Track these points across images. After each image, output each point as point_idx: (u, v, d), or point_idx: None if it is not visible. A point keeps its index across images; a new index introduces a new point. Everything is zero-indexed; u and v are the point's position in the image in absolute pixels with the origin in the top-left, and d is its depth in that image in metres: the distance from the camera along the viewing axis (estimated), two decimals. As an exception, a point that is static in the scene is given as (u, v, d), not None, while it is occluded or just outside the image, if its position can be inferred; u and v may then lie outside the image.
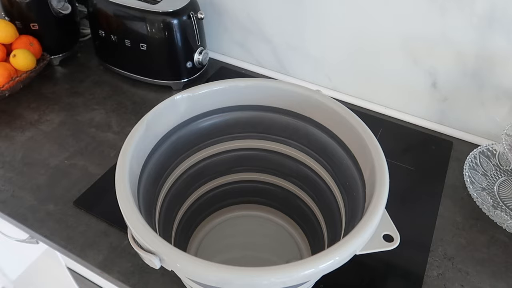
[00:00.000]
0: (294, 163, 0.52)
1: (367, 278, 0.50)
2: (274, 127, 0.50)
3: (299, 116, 0.48)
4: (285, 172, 0.54)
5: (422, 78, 0.68)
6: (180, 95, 0.46)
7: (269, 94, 0.48)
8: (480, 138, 0.70)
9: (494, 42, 0.60)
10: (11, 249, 0.94)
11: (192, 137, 0.49)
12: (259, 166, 0.54)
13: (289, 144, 0.51)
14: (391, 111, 0.75)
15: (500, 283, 0.51)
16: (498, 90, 0.64)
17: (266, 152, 0.53)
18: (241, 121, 0.50)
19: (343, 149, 0.45)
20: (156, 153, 0.44)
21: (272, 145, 0.52)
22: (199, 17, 0.74)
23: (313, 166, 0.50)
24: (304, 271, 0.30)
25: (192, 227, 0.55)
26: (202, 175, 0.53)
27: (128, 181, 0.36)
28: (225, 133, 0.51)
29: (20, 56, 0.73)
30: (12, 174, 0.62)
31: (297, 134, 0.50)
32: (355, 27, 0.69)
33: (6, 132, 0.70)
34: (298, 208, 0.55)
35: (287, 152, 0.52)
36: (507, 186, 0.62)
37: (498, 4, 0.56)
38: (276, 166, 0.54)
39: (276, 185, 0.55)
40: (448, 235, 0.56)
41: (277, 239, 0.56)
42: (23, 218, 0.56)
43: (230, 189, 0.56)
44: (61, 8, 0.78)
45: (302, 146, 0.50)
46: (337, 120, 0.45)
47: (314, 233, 0.53)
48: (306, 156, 0.50)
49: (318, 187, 0.50)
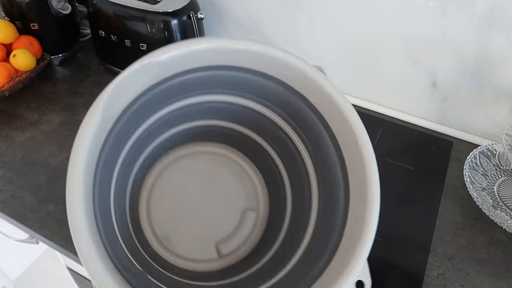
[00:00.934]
0: (258, 114, 0.49)
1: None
2: (236, 83, 0.46)
3: (258, 73, 0.44)
4: (249, 122, 0.51)
5: (422, 78, 0.68)
6: (136, 65, 0.38)
7: (227, 55, 0.43)
8: (480, 138, 0.70)
9: (494, 42, 0.60)
10: (11, 249, 0.94)
11: (150, 102, 0.43)
12: (222, 113, 0.50)
13: (251, 99, 0.47)
14: (391, 111, 0.75)
15: (500, 283, 0.51)
16: (498, 90, 0.64)
17: (228, 104, 0.49)
18: (200, 80, 0.45)
19: (315, 114, 0.42)
20: (114, 130, 0.39)
21: (232, 98, 0.48)
22: (199, 17, 0.74)
23: (278, 121, 0.48)
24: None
25: (140, 171, 0.51)
26: (156, 133, 0.48)
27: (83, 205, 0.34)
28: (187, 90, 0.46)
29: (20, 56, 0.72)
30: (12, 174, 0.62)
31: (271, 96, 0.46)
32: (355, 27, 0.69)
33: (6, 132, 0.70)
34: (256, 151, 0.53)
35: (251, 106, 0.48)
36: (507, 186, 0.62)
37: (498, 4, 0.56)
38: (240, 116, 0.50)
39: (245, 134, 0.53)
40: (448, 235, 0.56)
41: (237, 182, 0.54)
42: (23, 218, 0.56)
43: (200, 131, 0.52)
44: (61, 8, 0.78)
45: (265, 102, 0.47)
46: (320, 93, 0.41)
47: (273, 179, 0.51)
48: (275, 114, 0.48)
49: (288, 149, 0.48)
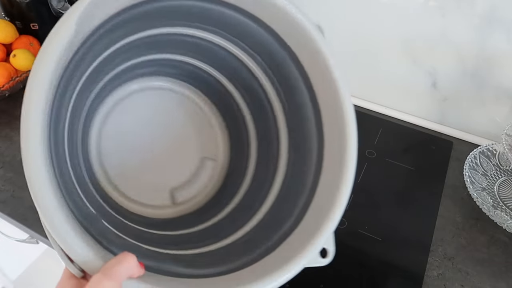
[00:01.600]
0: (218, 48, 0.44)
1: (367, 278, 0.50)
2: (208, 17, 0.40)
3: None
4: (225, 68, 0.46)
5: (422, 78, 0.68)
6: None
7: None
8: (480, 138, 0.69)
9: (494, 42, 0.60)
10: (11, 249, 0.94)
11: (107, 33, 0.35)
12: (198, 54, 0.46)
13: (209, 31, 0.42)
14: (391, 111, 0.75)
15: (500, 283, 0.51)
16: (498, 90, 0.64)
17: (179, 36, 0.43)
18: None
19: (278, 42, 0.37)
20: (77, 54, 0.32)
21: (190, 30, 0.42)
22: (199, 17, 0.74)
23: (240, 56, 0.43)
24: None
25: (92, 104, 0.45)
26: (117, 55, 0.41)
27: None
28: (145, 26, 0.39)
29: (20, 56, 0.72)
30: (12, 174, 0.62)
31: (224, 23, 0.40)
32: (355, 27, 0.69)
33: (6, 132, 0.70)
34: (219, 93, 0.48)
35: (209, 38, 0.43)
36: (507, 186, 0.62)
37: (498, 4, 0.56)
38: (216, 58, 0.45)
39: (209, 74, 0.48)
40: (448, 235, 0.56)
41: (195, 125, 0.50)
42: (23, 218, 0.56)
43: (161, 64, 0.47)
44: (61, 8, 0.78)
45: (227, 35, 0.42)
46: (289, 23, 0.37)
47: (238, 130, 0.48)
48: (235, 46, 0.43)
49: (247, 82, 0.44)
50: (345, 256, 0.53)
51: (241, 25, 0.39)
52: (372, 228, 0.55)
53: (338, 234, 0.56)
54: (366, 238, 0.55)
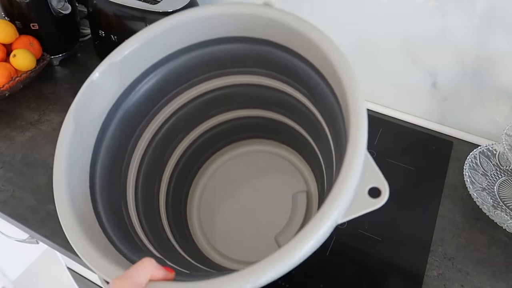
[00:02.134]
0: (272, 92, 0.47)
1: (367, 278, 0.50)
2: (236, 59, 0.43)
3: (255, 41, 0.41)
4: (267, 102, 0.49)
5: (422, 78, 0.68)
6: (104, 65, 0.37)
7: (212, 25, 0.41)
8: (480, 138, 0.69)
9: (494, 42, 0.60)
10: (11, 249, 0.94)
11: (144, 99, 0.41)
12: (236, 103, 0.49)
13: (255, 72, 0.45)
14: (391, 111, 0.75)
15: (500, 283, 0.51)
16: (498, 90, 0.64)
17: (238, 87, 0.47)
18: (194, 63, 0.42)
19: (315, 72, 0.39)
20: (104, 139, 0.38)
21: (239, 78, 0.46)
22: (199, 17, 0.74)
23: (292, 93, 0.45)
24: (285, 262, 0.26)
25: (186, 185, 0.51)
26: (175, 132, 0.47)
27: (71, 207, 0.32)
28: (184, 80, 0.44)
29: (20, 56, 0.73)
30: (12, 174, 0.62)
31: (260, 60, 0.43)
32: (355, 27, 0.69)
33: (6, 132, 0.70)
34: (289, 134, 0.51)
35: (255, 81, 0.46)
36: (507, 186, 0.62)
37: (498, 4, 0.56)
38: (255, 99, 0.48)
39: (261, 117, 0.51)
40: (448, 235, 0.56)
41: (278, 168, 0.53)
42: (23, 218, 0.56)
43: (212, 136, 0.51)
44: (61, 8, 0.78)
45: (269, 72, 0.44)
46: (293, 35, 0.38)
47: (309, 155, 0.50)
48: (275, 81, 0.45)
49: (302, 112, 0.46)
50: (345, 256, 0.53)
51: (298, 69, 0.41)
52: (372, 228, 0.55)
53: (338, 234, 0.56)
54: (366, 238, 0.55)
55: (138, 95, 0.41)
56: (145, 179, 0.44)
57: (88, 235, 0.31)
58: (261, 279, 0.26)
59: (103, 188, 0.37)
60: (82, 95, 0.37)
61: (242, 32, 0.40)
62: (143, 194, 0.43)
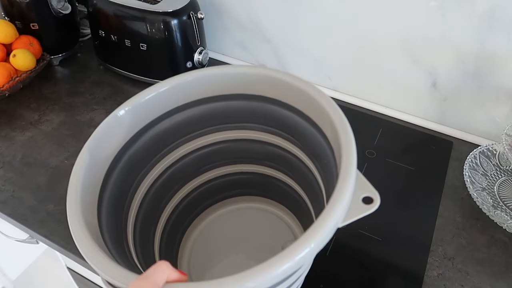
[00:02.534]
0: (261, 145, 0.50)
1: (367, 278, 0.50)
2: (230, 114, 0.48)
3: (251, 97, 0.46)
4: (255, 156, 0.52)
5: (422, 78, 0.68)
6: (122, 109, 0.41)
7: (217, 83, 0.45)
8: (480, 138, 0.70)
9: (494, 42, 0.60)
10: (11, 249, 0.94)
11: (148, 148, 0.45)
12: (227, 158, 0.52)
13: (250, 127, 0.49)
14: (391, 111, 0.75)
15: (500, 283, 0.51)
16: (498, 90, 0.64)
17: (230, 143, 0.50)
18: (195, 117, 0.47)
19: (301, 117, 0.43)
20: (111, 178, 0.41)
21: (233, 134, 0.50)
22: (199, 17, 0.74)
23: (280, 143, 0.49)
24: (280, 267, 0.28)
25: (178, 237, 0.53)
26: (173, 183, 0.50)
27: (83, 223, 0.34)
28: (182, 134, 0.48)
29: (20, 56, 0.73)
30: (12, 174, 0.62)
31: (255, 115, 0.47)
32: (355, 27, 0.69)
33: (6, 132, 0.70)
34: (280, 189, 0.54)
35: (250, 136, 0.50)
36: (507, 186, 0.62)
37: (498, 4, 0.56)
38: (244, 154, 0.52)
39: (252, 173, 0.54)
40: (448, 235, 0.56)
41: (268, 226, 0.56)
42: (23, 218, 0.56)
43: (207, 189, 0.54)
44: (61, 8, 0.78)
45: (263, 126, 0.48)
46: (287, 89, 0.42)
47: (300, 210, 0.52)
48: (270, 135, 0.49)
49: (292, 163, 0.49)
50: (345, 256, 0.53)
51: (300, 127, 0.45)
52: (372, 228, 0.55)
53: (338, 234, 0.56)
54: (366, 238, 0.55)
55: (145, 140, 0.45)
56: (142, 224, 0.46)
57: (99, 246, 0.33)
58: (281, 270, 0.28)
59: (108, 223, 0.39)
60: (101, 128, 0.40)
61: (242, 90, 0.45)
62: (141, 238, 0.45)
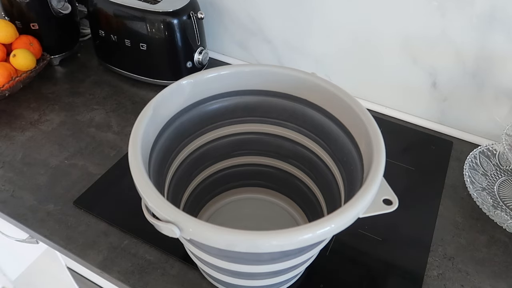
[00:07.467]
0: (292, 144, 0.53)
1: (367, 278, 0.50)
2: (272, 110, 0.52)
3: (295, 99, 0.50)
4: (284, 153, 0.55)
5: (422, 78, 0.68)
6: (186, 80, 0.47)
7: (268, 79, 0.50)
8: (480, 138, 0.70)
9: (494, 42, 0.60)
10: (11, 249, 0.94)
11: (196, 121, 0.50)
12: (258, 149, 0.56)
13: (287, 126, 0.53)
14: (391, 111, 0.75)
15: (500, 283, 0.51)
16: (498, 90, 0.64)
17: (265, 135, 0.54)
18: (241, 105, 0.52)
19: (338, 126, 0.47)
20: (162, 137, 0.46)
21: (270, 128, 0.54)
22: (199, 17, 0.74)
23: (310, 146, 0.52)
24: (303, 235, 0.32)
25: (195, 211, 0.56)
26: (205, 159, 0.54)
27: (141, 159, 0.38)
28: (226, 117, 0.52)
29: (20, 56, 0.73)
30: (12, 174, 0.62)
31: (294, 116, 0.51)
32: (355, 27, 0.69)
33: (6, 132, 0.70)
34: (298, 189, 0.56)
35: (285, 134, 0.53)
36: (507, 186, 0.62)
37: (498, 4, 0.56)
38: (275, 148, 0.55)
39: (276, 167, 0.57)
40: (448, 235, 0.56)
41: (278, 220, 0.57)
42: (23, 218, 0.56)
43: (231, 173, 0.57)
44: (61, 8, 0.78)
45: (299, 128, 0.52)
46: (331, 99, 0.47)
47: (314, 212, 0.53)
48: (303, 136, 0.52)
49: (316, 165, 0.52)
50: (345, 255, 0.53)
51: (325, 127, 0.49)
52: (372, 228, 0.55)
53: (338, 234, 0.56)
54: (366, 238, 0.55)
55: (195, 114, 0.50)
56: (172, 192, 0.50)
57: None
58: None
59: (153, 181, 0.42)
60: (166, 91, 0.45)
61: (289, 91, 0.50)
62: (173, 195, 0.49)
